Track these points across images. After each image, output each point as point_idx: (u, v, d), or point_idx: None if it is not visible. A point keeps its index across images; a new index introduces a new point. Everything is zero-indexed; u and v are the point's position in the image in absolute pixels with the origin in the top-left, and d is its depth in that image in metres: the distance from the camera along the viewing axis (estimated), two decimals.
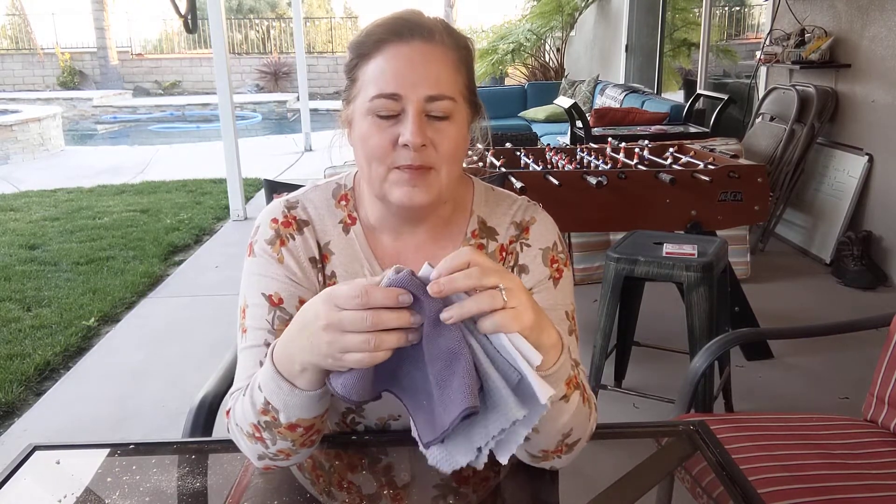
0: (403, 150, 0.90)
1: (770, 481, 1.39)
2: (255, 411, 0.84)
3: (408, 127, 0.89)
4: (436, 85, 0.90)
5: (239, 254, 1.01)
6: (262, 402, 0.83)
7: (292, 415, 0.82)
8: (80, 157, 8.68)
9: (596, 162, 3.10)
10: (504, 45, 9.85)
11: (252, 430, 0.86)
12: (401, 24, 0.91)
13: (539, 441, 0.90)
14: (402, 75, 0.89)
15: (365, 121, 0.92)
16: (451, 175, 0.94)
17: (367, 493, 0.97)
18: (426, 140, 0.90)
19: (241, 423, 0.88)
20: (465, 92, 0.95)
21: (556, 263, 1.03)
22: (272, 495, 0.98)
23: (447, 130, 0.91)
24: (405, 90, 0.89)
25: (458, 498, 0.96)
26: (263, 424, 0.85)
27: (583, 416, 0.90)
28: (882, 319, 1.71)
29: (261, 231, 1.01)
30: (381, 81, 0.90)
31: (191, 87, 16.15)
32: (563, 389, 0.84)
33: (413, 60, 0.90)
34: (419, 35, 0.91)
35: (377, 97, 0.89)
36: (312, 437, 0.88)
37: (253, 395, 0.85)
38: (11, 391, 2.76)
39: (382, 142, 0.90)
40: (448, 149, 0.91)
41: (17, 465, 1.00)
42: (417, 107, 0.89)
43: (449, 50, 0.93)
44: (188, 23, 6.22)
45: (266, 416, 0.84)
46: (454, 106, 0.92)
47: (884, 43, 3.86)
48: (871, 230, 3.90)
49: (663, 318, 3.08)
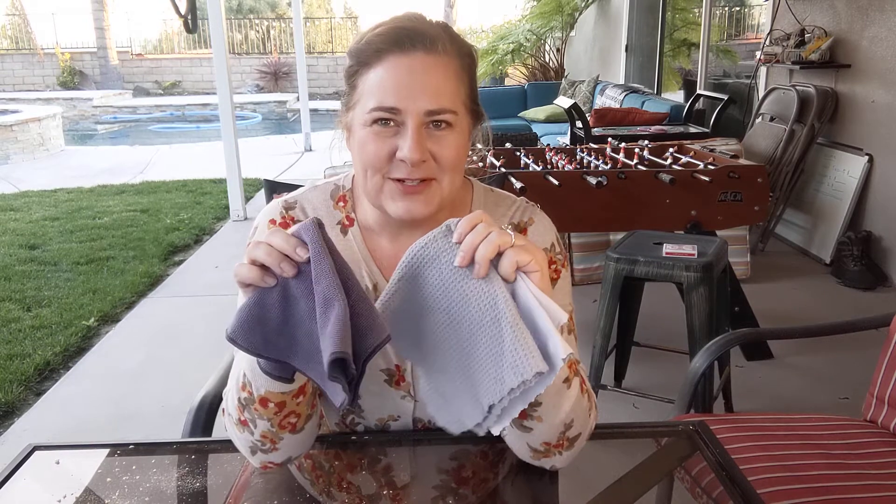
0: (401, 164, 0.89)
1: (770, 481, 1.39)
2: (237, 387, 0.88)
3: (406, 142, 0.88)
4: (436, 98, 0.89)
5: (239, 254, 1.01)
6: (241, 376, 0.87)
7: (260, 385, 0.85)
8: (80, 157, 8.67)
9: (596, 162, 3.10)
10: (504, 46, 9.85)
11: (237, 413, 0.89)
12: (402, 34, 0.89)
13: (542, 432, 0.89)
14: (402, 88, 0.88)
15: (363, 130, 0.91)
16: (452, 184, 0.94)
17: (366, 494, 0.97)
18: (425, 154, 0.89)
19: (231, 410, 0.90)
20: (466, 102, 0.94)
21: (553, 264, 1.03)
22: (272, 495, 0.98)
23: (448, 140, 0.91)
24: (405, 104, 0.88)
25: (458, 498, 0.96)
26: (244, 402, 0.87)
27: (582, 407, 0.91)
28: (882, 319, 1.72)
29: (259, 231, 1.01)
30: (380, 94, 0.88)
31: (191, 87, 16.15)
32: (565, 370, 0.85)
33: (414, 73, 0.88)
34: (421, 45, 0.89)
35: (376, 109, 0.89)
36: (291, 420, 0.88)
37: (238, 371, 0.88)
38: (11, 391, 2.76)
39: (380, 152, 0.90)
40: (449, 158, 0.91)
41: (17, 465, 1.00)
42: (417, 120, 0.88)
43: (452, 59, 0.91)
44: (188, 23, 6.21)
45: (244, 392, 0.87)
46: (455, 118, 0.91)
47: (884, 43, 3.86)
48: (871, 230, 3.90)
49: (663, 318, 3.08)
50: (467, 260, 0.78)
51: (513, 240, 0.78)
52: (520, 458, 0.96)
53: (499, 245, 0.77)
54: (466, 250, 0.78)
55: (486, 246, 0.77)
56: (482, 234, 0.78)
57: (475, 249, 0.78)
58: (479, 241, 0.78)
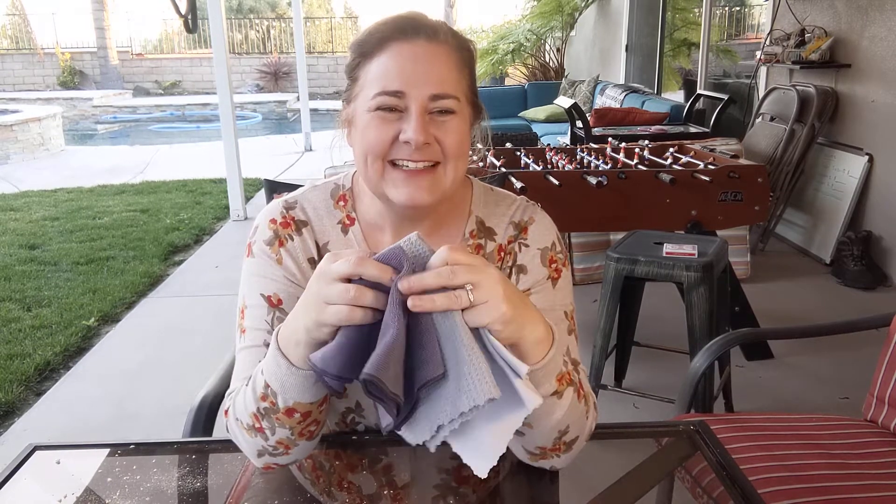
0: (404, 147, 0.90)
1: (770, 481, 1.39)
2: (255, 398, 0.85)
3: (411, 124, 0.88)
4: (440, 84, 0.90)
5: (239, 254, 1.01)
6: (262, 387, 0.84)
7: (290, 397, 0.83)
8: (80, 157, 8.67)
9: (596, 162, 3.10)
10: (504, 45, 9.85)
11: (252, 420, 0.87)
12: (405, 23, 0.92)
13: (534, 437, 0.89)
14: (406, 73, 0.89)
15: (366, 117, 0.91)
16: (457, 171, 0.94)
17: (367, 493, 0.97)
18: (429, 138, 0.89)
19: (241, 416, 0.88)
20: (467, 93, 0.95)
21: (554, 263, 1.03)
22: (272, 495, 0.98)
23: (451, 125, 0.91)
24: (409, 88, 0.89)
25: (458, 498, 0.96)
26: (262, 411, 0.85)
27: (578, 413, 0.90)
28: (882, 319, 1.71)
29: (259, 231, 1.01)
30: (384, 79, 0.89)
31: (191, 87, 16.15)
32: (553, 385, 0.84)
33: (417, 58, 0.90)
34: (424, 34, 0.91)
35: (380, 94, 0.89)
36: (311, 428, 0.88)
37: (255, 381, 0.86)
38: (11, 391, 2.76)
39: (382, 135, 0.90)
40: (453, 143, 0.91)
41: (17, 465, 1.00)
42: (421, 104, 0.89)
43: (453, 50, 0.93)
44: (188, 23, 6.21)
45: (265, 402, 0.84)
46: (458, 105, 0.92)
47: (884, 43, 3.86)
48: (871, 230, 3.90)
49: (663, 318, 3.08)
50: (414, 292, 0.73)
51: (469, 299, 0.72)
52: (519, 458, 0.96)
53: (448, 308, 0.73)
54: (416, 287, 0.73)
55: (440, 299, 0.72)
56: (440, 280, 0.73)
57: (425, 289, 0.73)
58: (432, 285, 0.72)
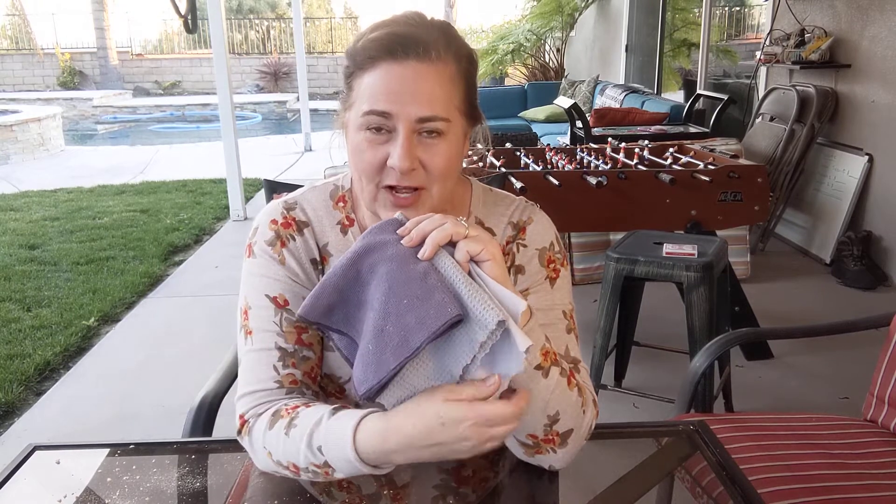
0: (392, 171, 0.90)
1: (770, 481, 1.39)
2: (306, 461, 0.87)
3: (396, 150, 0.88)
4: (428, 105, 0.89)
5: (239, 254, 1.01)
6: (321, 463, 0.86)
7: (351, 475, 0.86)
8: (80, 157, 8.67)
9: (596, 162, 3.10)
10: (504, 46, 9.85)
11: (293, 468, 0.89)
12: (395, 42, 0.89)
13: (524, 422, 0.87)
14: (393, 95, 0.88)
15: (358, 135, 0.92)
16: (442, 192, 0.94)
17: (367, 493, 0.97)
18: (415, 163, 0.89)
19: (279, 457, 0.89)
20: (462, 107, 0.94)
21: (552, 263, 1.02)
22: (272, 495, 0.98)
23: (439, 148, 0.91)
24: (396, 109, 0.88)
25: (458, 498, 0.96)
26: (311, 472, 0.88)
27: (569, 401, 0.89)
28: (882, 319, 1.72)
29: (260, 232, 1.01)
30: (373, 99, 0.89)
31: (191, 87, 16.15)
32: (538, 358, 0.85)
33: (405, 80, 0.88)
34: (413, 54, 0.88)
35: (369, 113, 0.89)
36: None
37: (311, 449, 0.86)
38: (11, 391, 2.76)
39: (373, 160, 0.90)
40: (439, 167, 0.91)
41: (17, 465, 1.00)
42: (408, 127, 0.88)
43: (447, 65, 0.91)
44: (188, 23, 6.22)
45: (318, 469, 0.86)
46: (447, 126, 0.91)
47: (884, 43, 3.86)
48: (871, 230, 3.90)
49: (663, 318, 3.08)
50: (415, 242, 0.81)
51: (466, 230, 0.81)
52: (520, 458, 0.96)
53: (451, 234, 0.80)
54: (416, 235, 0.81)
55: (439, 233, 0.80)
56: (436, 222, 0.81)
57: (425, 235, 0.80)
58: (431, 229, 0.81)
